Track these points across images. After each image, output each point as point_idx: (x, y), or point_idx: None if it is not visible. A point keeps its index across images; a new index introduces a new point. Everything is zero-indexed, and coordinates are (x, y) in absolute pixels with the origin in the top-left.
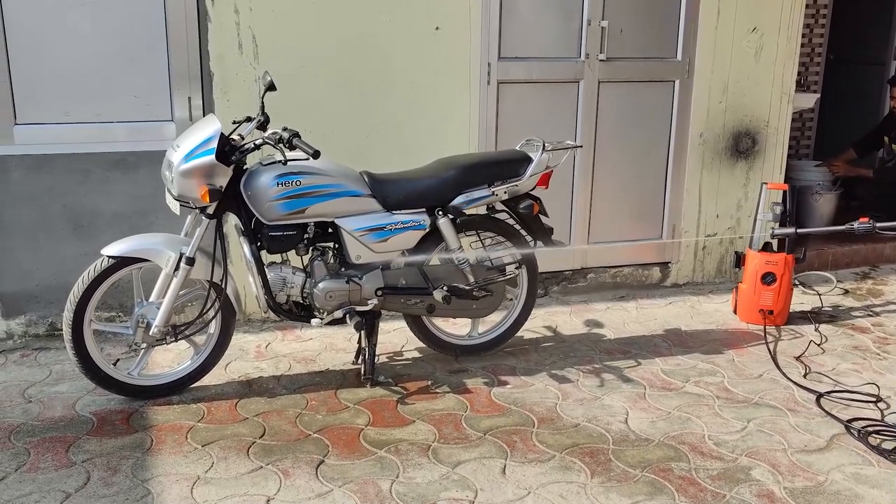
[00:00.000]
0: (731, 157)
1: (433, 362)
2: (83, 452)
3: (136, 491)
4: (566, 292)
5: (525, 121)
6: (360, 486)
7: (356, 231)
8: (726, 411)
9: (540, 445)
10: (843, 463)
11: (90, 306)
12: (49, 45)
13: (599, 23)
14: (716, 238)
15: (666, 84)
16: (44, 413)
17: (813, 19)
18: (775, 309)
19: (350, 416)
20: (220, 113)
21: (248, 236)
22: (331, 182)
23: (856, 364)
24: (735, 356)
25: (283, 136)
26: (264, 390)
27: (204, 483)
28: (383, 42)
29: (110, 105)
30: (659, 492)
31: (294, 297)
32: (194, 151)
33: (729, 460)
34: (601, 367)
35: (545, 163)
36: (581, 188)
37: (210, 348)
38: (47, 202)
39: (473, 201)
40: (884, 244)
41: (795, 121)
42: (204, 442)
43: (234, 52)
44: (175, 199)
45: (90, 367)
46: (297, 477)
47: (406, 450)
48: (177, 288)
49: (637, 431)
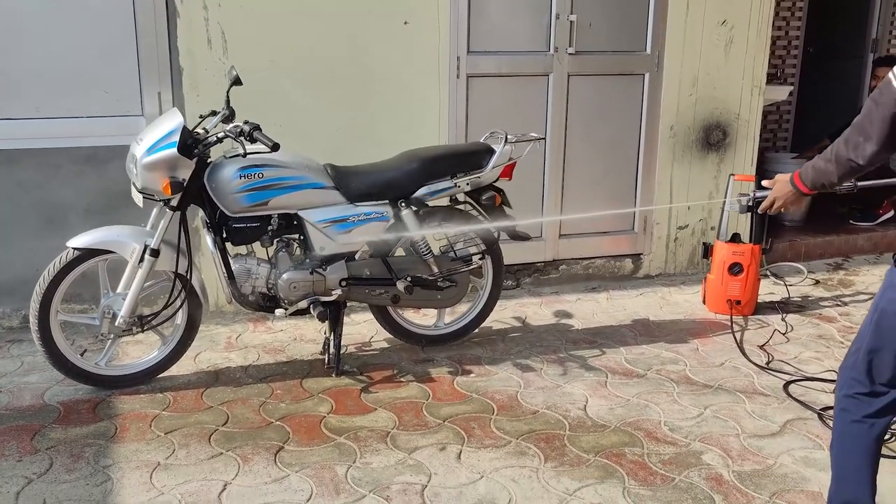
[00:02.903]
0: (702, 149)
1: (400, 352)
2: (47, 440)
3: (97, 477)
4: (538, 284)
5: (495, 114)
6: (317, 471)
7: (319, 223)
8: (685, 398)
9: (497, 432)
10: (794, 447)
11: (56, 298)
12: (20, 41)
13: (568, 16)
14: (687, 230)
15: (635, 77)
16: (12, 403)
17: (790, 12)
18: (742, 299)
19: (313, 405)
20: (190, 108)
21: (212, 228)
22: (294, 174)
23: (818, 352)
24: (699, 345)
25: (244, 130)
26: (231, 380)
27: (164, 469)
28: (353, 37)
29: (81, 100)
30: (609, 476)
31: (259, 289)
32: (157, 145)
33: (682, 445)
34: (566, 356)
35: (508, 154)
36: (552, 181)
37: (177, 339)
38: (19, 197)
39: (436, 192)
40: (857, 235)
41: (773, 113)
42: (167, 430)
43: (203, 48)
44: (139, 192)
45: (57, 357)
46: (255, 463)
47: (365, 436)
48: (142, 279)
49: (594, 418)
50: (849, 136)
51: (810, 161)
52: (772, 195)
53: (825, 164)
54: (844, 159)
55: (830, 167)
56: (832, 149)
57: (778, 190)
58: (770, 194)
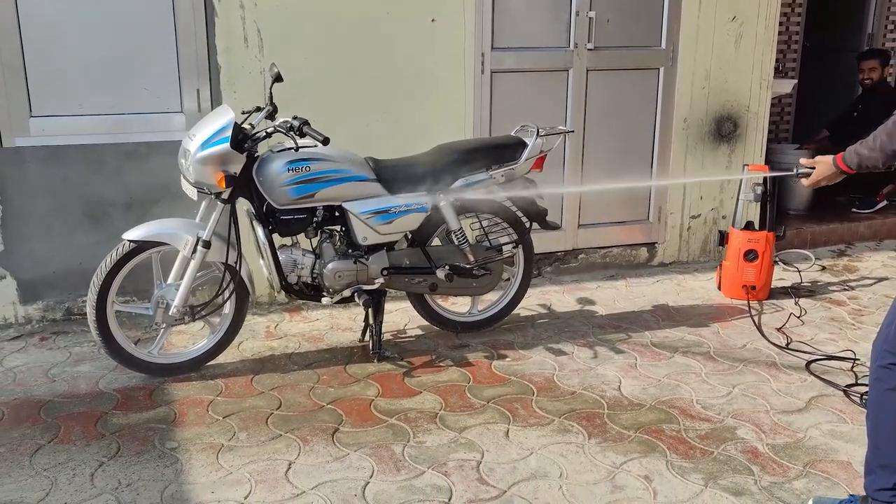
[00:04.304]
0: (714, 140)
1: (435, 338)
2: (111, 426)
3: (165, 459)
4: (559, 272)
5: (517, 108)
6: (375, 449)
7: (362, 214)
8: (713, 378)
9: (540, 411)
10: (821, 421)
11: (112, 289)
12: (62, 39)
13: (587, 13)
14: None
15: (651, 71)
16: (69, 391)
17: (790, 8)
18: (757, 284)
19: (360, 389)
20: (228, 104)
21: (260, 220)
22: (338, 167)
23: (832, 334)
24: (720, 328)
25: (294, 125)
26: (277, 367)
27: (228, 450)
28: (382, 35)
29: (122, 97)
30: (652, 450)
31: (304, 278)
32: (210, 140)
33: (716, 421)
34: (594, 340)
35: (539, 147)
36: (572, 172)
37: (225, 328)
38: (62, 192)
39: (473, 184)
40: (858, 223)
41: (775, 106)
42: (224, 414)
43: (240, 46)
44: (192, 186)
45: (114, 347)
46: (314, 443)
47: (415, 418)
48: (194, 270)
49: (630, 397)
50: (891, 130)
51: (852, 147)
52: (815, 175)
53: (869, 152)
54: (890, 150)
55: (875, 154)
56: (876, 139)
57: (821, 170)
58: (814, 174)
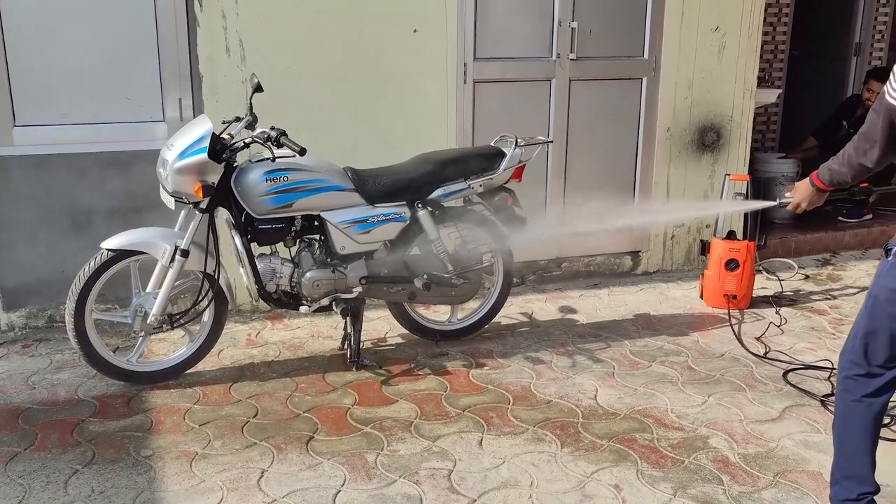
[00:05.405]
0: (697, 150)
1: (415, 347)
2: (87, 433)
3: (139, 466)
4: (542, 281)
5: (500, 118)
6: (348, 458)
7: (341, 223)
8: (689, 387)
9: (514, 420)
10: (794, 431)
11: (91, 297)
12: (46, 49)
13: (570, 23)
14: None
15: (634, 81)
16: (48, 398)
17: (776, 17)
18: (738, 293)
19: (337, 397)
20: (209, 113)
21: (239, 229)
22: (316, 177)
23: (812, 343)
24: (699, 338)
25: (272, 135)
26: (256, 375)
27: (202, 458)
28: (365, 45)
29: (105, 106)
30: (623, 459)
31: (283, 287)
32: (188, 150)
33: (689, 431)
34: (573, 349)
35: (518, 157)
36: (555, 182)
37: (204, 336)
38: (46, 200)
39: (451, 194)
40: (844, 232)
41: (761, 115)
42: (201, 422)
43: (222, 55)
44: (170, 195)
45: (92, 354)
46: (289, 451)
47: (390, 426)
48: (172, 278)
49: (605, 406)
50: (857, 144)
51: (825, 163)
52: (796, 198)
53: (839, 166)
54: (856, 163)
55: (844, 169)
56: (844, 154)
57: (800, 193)
58: (794, 198)
